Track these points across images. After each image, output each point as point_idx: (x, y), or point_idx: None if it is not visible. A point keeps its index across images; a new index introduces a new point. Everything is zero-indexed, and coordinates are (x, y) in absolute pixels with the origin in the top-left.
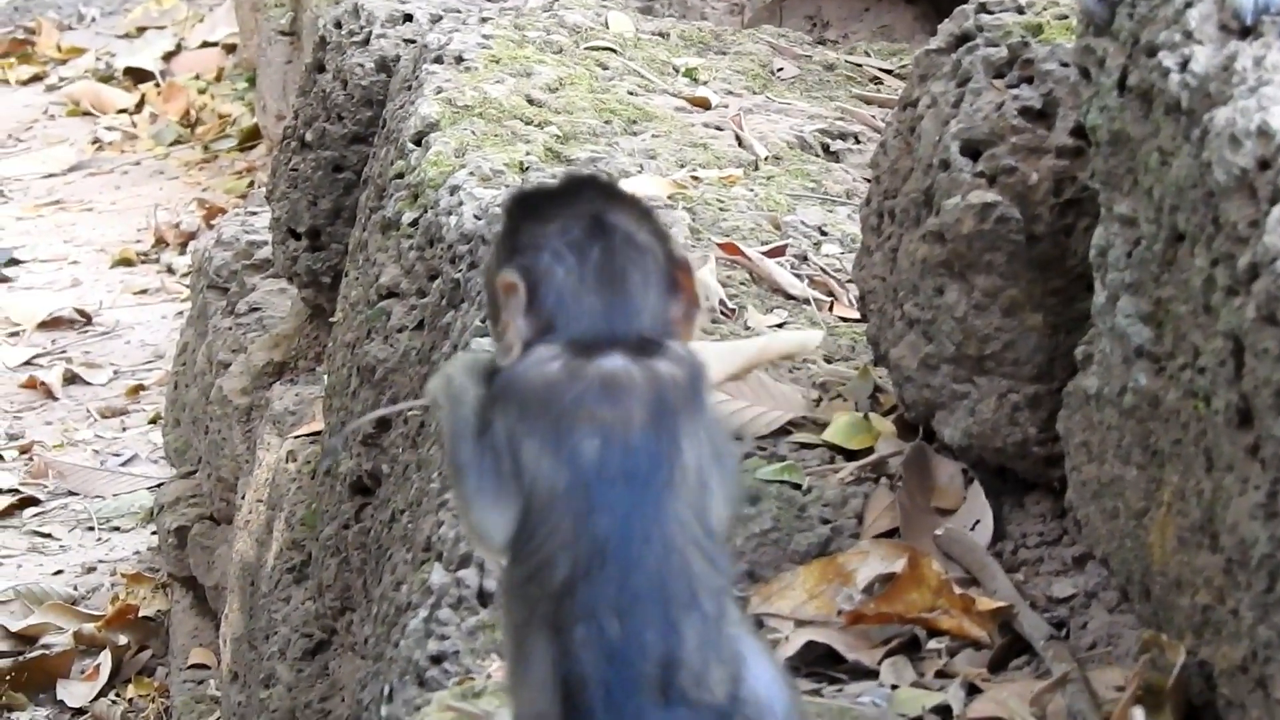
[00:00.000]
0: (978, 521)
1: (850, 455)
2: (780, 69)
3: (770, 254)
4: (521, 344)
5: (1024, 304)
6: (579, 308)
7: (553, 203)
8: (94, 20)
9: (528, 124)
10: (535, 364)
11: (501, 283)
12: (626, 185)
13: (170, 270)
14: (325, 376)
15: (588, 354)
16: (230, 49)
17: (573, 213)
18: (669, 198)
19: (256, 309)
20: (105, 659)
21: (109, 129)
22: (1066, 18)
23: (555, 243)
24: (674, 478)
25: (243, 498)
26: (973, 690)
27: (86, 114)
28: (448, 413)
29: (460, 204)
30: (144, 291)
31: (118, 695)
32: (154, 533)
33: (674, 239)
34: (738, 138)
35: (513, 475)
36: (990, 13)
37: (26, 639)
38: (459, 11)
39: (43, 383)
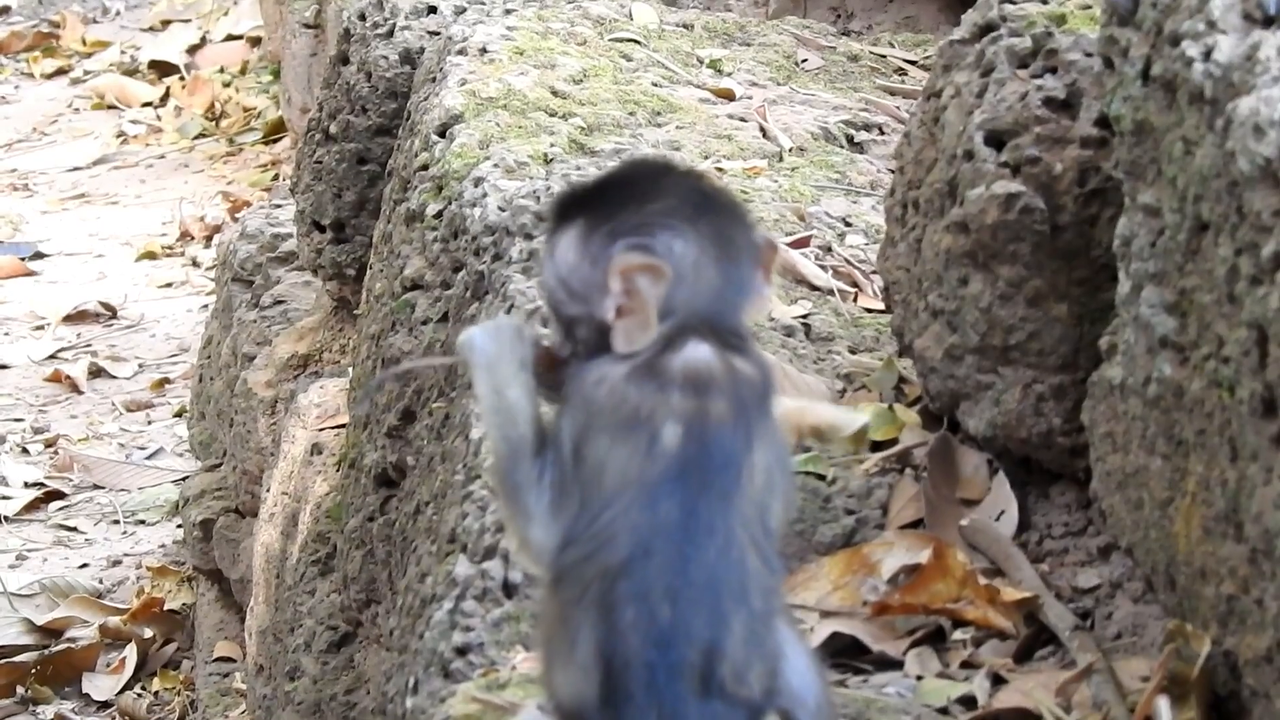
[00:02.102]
0: (1002, 512)
1: (875, 446)
2: (804, 60)
3: (795, 245)
4: (656, 328)
5: (1048, 294)
6: (700, 285)
7: (641, 184)
8: (118, 14)
9: (552, 115)
10: (618, 361)
11: (634, 267)
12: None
13: (195, 263)
14: (350, 369)
15: (679, 344)
16: (255, 42)
17: (669, 188)
18: None
19: (281, 302)
20: (131, 652)
21: (134, 122)
22: (1090, 7)
23: (671, 219)
24: (743, 475)
25: (268, 490)
26: (998, 680)
27: (111, 107)
28: (498, 428)
29: (484, 196)
30: (169, 285)
31: (143, 688)
32: (179, 526)
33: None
34: (762, 129)
35: (574, 479)
36: (1014, 3)
37: (52, 632)
38: (483, 3)
39: (68, 376)
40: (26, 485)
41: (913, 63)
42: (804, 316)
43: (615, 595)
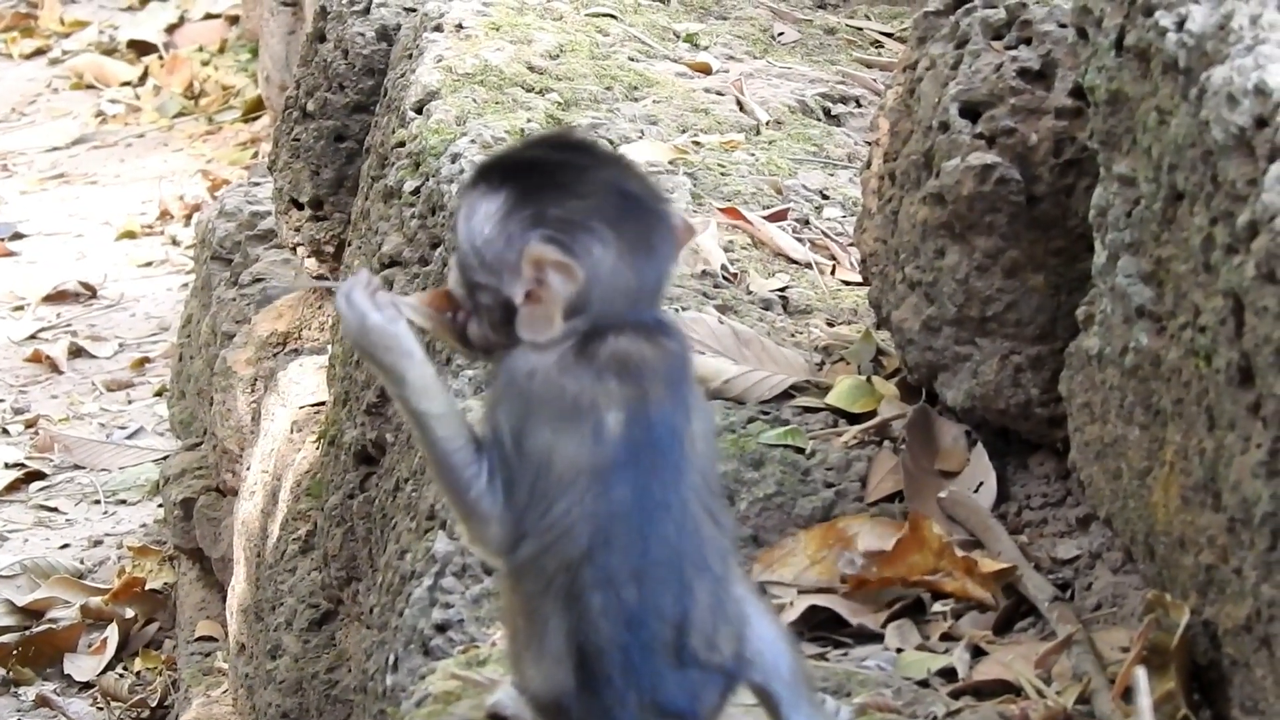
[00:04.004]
0: (981, 483)
1: (853, 419)
2: (781, 33)
3: (772, 218)
4: (560, 325)
5: (1025, 265)
6: (615, 287)
7: (569, 172)
8: None
9: (529, 91)
10: (546, 351)
11: (548, 260)
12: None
13: (175, 242)
14: (329, 346)
15: (602, 335)
16: (233, 20)
17: (595, 183)
18: (670, 163)
19: (260, 280)
20: (112, 632)
21: (112, 102)
22: None
23: (594, 220)
24: (686, 447)
25: (248, 469)
26: (978, 652)
27: (90, 87)
28: (423, 438)
29: (462, 172)
30: (149, 264)
31: (125, 668)
32: (160, 505)
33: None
34: (739, 103)
35: (520, 471)
36: None
37: (33, 613)
38: None
39: (48, 356)
40: (7, 466)
41: (889, 35)
42: (782, 289)
43: (581, 584)
